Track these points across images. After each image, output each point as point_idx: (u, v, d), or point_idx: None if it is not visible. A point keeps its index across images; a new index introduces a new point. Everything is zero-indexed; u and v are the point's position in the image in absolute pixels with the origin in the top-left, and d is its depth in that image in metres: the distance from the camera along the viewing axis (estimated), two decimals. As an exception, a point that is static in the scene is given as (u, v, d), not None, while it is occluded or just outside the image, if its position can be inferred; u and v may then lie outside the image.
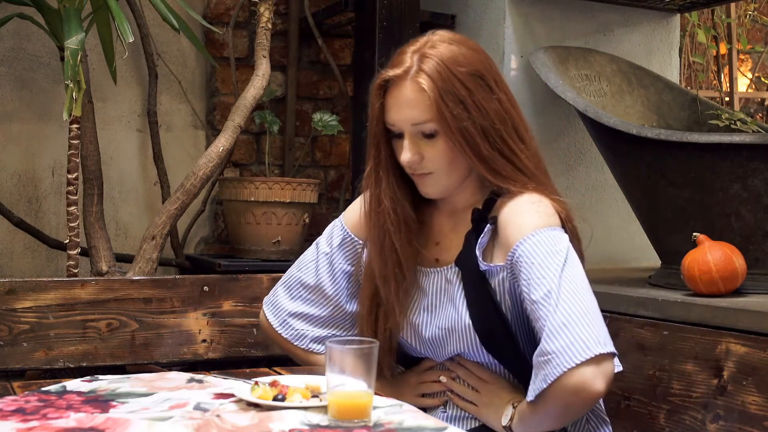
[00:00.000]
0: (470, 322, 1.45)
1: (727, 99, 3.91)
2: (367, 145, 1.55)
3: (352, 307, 1.63)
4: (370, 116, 1.51)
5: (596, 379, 1.27)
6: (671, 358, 1.74)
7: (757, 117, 4.09)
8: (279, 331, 1.65)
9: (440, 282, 1.53)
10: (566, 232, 1.44)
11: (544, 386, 1.30)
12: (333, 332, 1.64)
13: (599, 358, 1.28)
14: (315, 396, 1.36)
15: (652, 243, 2.25)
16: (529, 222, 1.40)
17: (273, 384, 1.38)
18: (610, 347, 1.30)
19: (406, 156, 1.46)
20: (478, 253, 1.45)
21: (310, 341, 1.64)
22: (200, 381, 1.52)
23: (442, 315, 1.50)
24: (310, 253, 1.67)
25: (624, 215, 2.57)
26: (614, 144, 2.17)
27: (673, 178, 2.00)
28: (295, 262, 1.69)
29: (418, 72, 1.43)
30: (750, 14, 4.02)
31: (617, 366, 1.45)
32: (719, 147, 1.92)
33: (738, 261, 1.86)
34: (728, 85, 3.93)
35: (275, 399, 1.33)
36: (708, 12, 3.78)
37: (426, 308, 1.53)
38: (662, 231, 2.15)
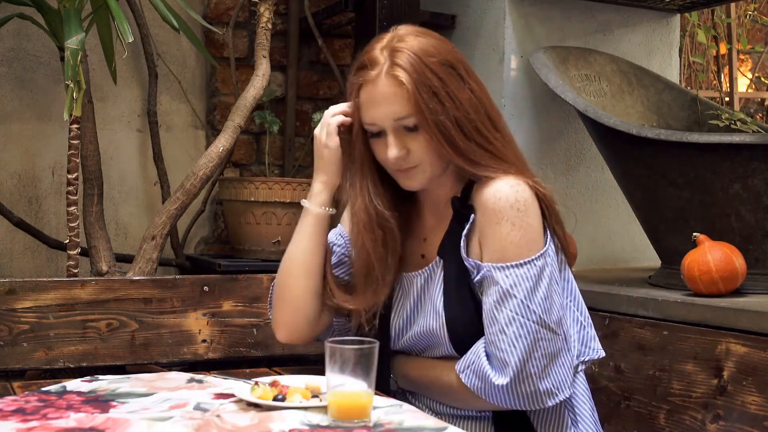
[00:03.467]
0: (444, 320, 1.45)
1: (727, 99, 3.90)
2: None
3: None
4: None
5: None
6: (671, 358, 1.74)
7: (757, 117, 4.08)
8: None
9: (421, 283, 1.52)
10: (546, 220, 1.43)
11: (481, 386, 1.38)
12: None
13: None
14: (315, 396, 1.36)
15: (652, 243, 2.25)
16: (507, 242, 1.39)
17: (273, 384, 1.38)
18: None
19: (393, 152, 1.42)
20: (462, 245, 1.45)
21: None
22: (200, 381, 1.52)
23: (420, 320, 1.51)
24: None
25: (624, 215, 2.57)
26: (614, 144, 2.17)
27: (673, 178, 2.00)
28: None
29: (392, 66, 1.40)
30: (750, 14, 4.01)
31: (598, 352, 1.48)
32: (719, 147, 1.92)
33: (738, 261, 1.87)
34: (728, 85, 3.92)
35: (275, 399, 1.33)
36: (708, 12, 3.77)
37: (406, 315, 1.54)
38: (662, 231, 2.15)
